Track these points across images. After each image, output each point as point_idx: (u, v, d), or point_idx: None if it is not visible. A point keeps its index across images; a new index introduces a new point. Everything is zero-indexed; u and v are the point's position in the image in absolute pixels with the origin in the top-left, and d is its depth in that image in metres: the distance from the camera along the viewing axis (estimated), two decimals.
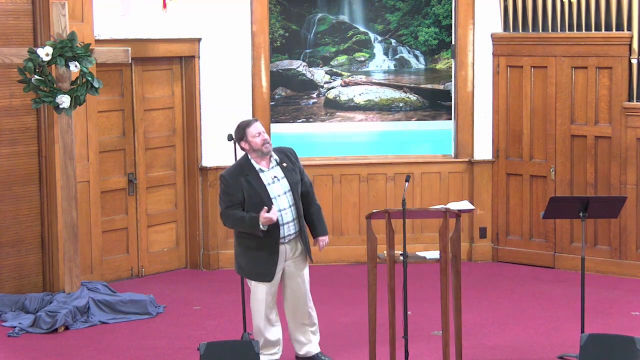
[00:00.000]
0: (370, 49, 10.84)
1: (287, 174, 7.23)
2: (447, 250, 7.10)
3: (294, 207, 7.23)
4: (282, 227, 7.17)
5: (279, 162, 7.25)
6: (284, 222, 7.18)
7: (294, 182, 7.23)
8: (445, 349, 7.19)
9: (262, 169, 7.20)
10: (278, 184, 7.20)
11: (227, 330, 8.43)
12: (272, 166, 7.23)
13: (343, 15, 10.79)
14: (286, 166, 7.25)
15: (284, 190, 7.21)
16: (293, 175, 7.25)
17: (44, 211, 9.34)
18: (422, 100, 10.91)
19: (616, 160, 10.03)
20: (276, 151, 7.30)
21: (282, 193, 7.20)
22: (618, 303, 9.17)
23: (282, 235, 7.18)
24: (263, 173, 7.19)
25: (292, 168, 7.26)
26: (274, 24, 10.62)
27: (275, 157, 7.27)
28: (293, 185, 7.22)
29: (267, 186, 7.15)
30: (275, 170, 7.23)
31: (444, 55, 10.83)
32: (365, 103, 10.87)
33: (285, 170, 7.23)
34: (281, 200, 7.18)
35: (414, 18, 10.79)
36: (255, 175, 7.17)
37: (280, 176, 7.22)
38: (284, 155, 7.29)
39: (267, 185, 7.16)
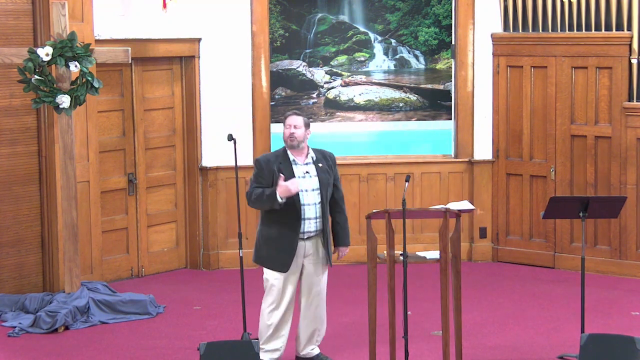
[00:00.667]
0: (370, 49, 10.84)
1: (320, 173, 7.30)
2: (447, 250, 7.11)
3: (319, 205, 7.28)
4: (303, 222, 7.24)
5: (315, 161, 7.32)
6: (305, 217, 7.24)
7: (324, 183, 7.29)
8: (445, 349, 7.19)
9: (296, 162, 7.29)
10: (308, 179, 7.27)
11: (227, 330, 8.43)
12: (306, 162, 7.31)
13: (343, 15, 10.79)
14: (321, 166, 7.32)
15: (312, 187, 7.26)
16: (326, 176, 7.31)
17: (44, 211, 9.34)
18: (422, 100, 10.91)
19: (616, 160, 10.03)
20: (316, 151, 7.38)
21: (310, 189, 7.26)
22: (618, 303, 9.17)
23: (302, 229, 7.25)
24: (296, 165, 7.28)
25: (326, 170, 7.33)
26: (274, 24, 10.62)
27: (312, 154, 7.34)
28: (323, 185, 7.27)
29: (298, 178, 7.22)
30: (309, 167, 7.30)
31: (444, 55, 10.83)
32: (365, 103, 10.87)
33: (318, 169, 7.31)
34: (307, 196, 7.25)
35: (414, 18, 10.80)
36: (288, 166, 7.26)
37: (312, 173, 7.29)
38: (322, 156, 7.38)
39: (297, 177, 7.23)
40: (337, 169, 7.45)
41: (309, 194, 7.27)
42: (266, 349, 7.44)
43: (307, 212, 7.26)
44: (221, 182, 10.49)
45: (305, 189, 7.25)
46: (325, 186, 7.30)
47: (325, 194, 7.30)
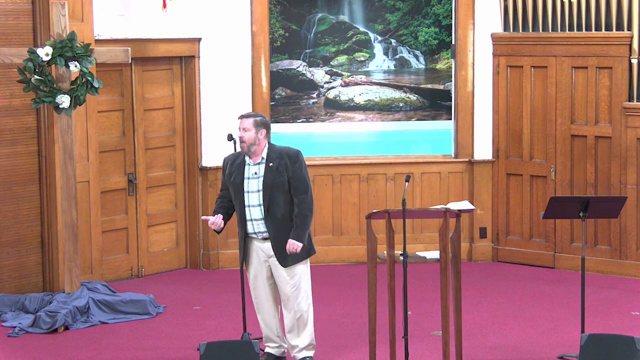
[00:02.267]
0: (370, 49, 10.84)
1: (268, 173, 7.19)
2: (447, 250, 7.10)
3: (263, 207, 7.19)
4: (251, 223, 7.24)
5: (267, 161, 7.22)
6: (252, 218, 7.24)
7: (269, 184, 7.17)
8: (445, 349, 7.19)
9: (249, 162, 7.26)
10: (254, 180, 7.22)
11: (227, 330, 8.43)
12: (257, 162, 7.24)
13: (343, 15, 10.79)
14: (271, 166, 7.19)
15: (257, 188, 7.21)
16: (274, 176, 7.17)
17: (44, 211, 9.34)
18: (422, 100, 10.91)
19: (616, 160, 10.03)
20: (274, 150, 7.24)
21: (254, 190, 7.22)
22: (618, 303, 9.17)
23: (251, 230, 7.27)
24: (248, 166, 7.26)
25: (276, 169, 7.18)
26: (274, 24, 10.62)
27: (265, 154, 7.23)
28: (266, 186, 7.17)
29: (245, 179, 7.22)
30: (259, 167, 7.22)
31: (444, 55, 10.83)
32: (365, 103, 10.87)
33: (267, 170, 7.20)
34: (252, 197, 7.22)
35: (414, 18, 10.80)
36: (241, 167, 7.27)
37: (260, 174, 7.22)
38: (276, 156, 7.22)
39: (246, 178, 7.22)
40: (299, 166, 7.22)
41: (253, 194, 7.21)
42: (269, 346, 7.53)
43: (253, 213, 7.22)
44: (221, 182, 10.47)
45: (250, 190, 7.21)
46: (270, 187, 7.16)
47: (269, 195, 7.16)
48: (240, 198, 7.22)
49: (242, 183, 7.21)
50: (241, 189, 7.22)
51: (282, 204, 7.19)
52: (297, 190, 7.21)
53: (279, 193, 7.18)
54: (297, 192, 7.21)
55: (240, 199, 7.23)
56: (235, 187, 7.25)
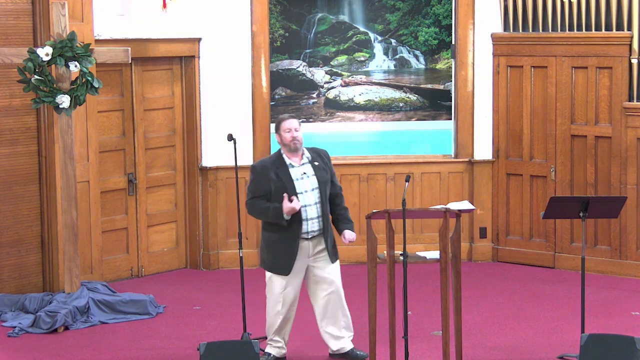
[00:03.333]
0: (370, 49, 10.84)
1: (317, 172, 7.35)
2: (447, 250, 7.10)
3: (319, 205, 7.32)
4: (306, 223, 7.28)
5: (311, 160, 7.37)
6: (307, 218, 7.28)
7: (322, 181, 7.34)
8: (445, 349, 7.19)
9: (293, 164, 7.33)
10: (307, 180, 7.32)
11: (227, 330, 8.43)
12: (302, 162, 7.36)
13: (343, 15, 10.79)
14: (317, 165, 7.37)
15: (311, 187, 7.31)
16: (323, 174, 7.37)
17: (44, 211, 9.34)
18: (422, 100, 10.91)
19: (616, 160, 10.03)
20: (310, 150, 7.44)
21: (309, 189, 7.31)
22: (618, 303, 9.17)
23: (305, 230, 7.30)
24: (293, 168, 7.32)
25: (322, 167, 7.39)
26: (274, 24, 10.62)
27: (307, 154, 7.39)
28: (321, 184, 7.33)
29: (294, 181, 7.28)
30: (306, 167, 7.35)
31: (444, 55, 10.83)
32: (365, 103, 10.87)
33: (315, 168, 7.36)
34: (307, 197, 7.30)
35: (414, 18, 10.79)
36: (285, 170, 7.30)
37: (310, 173, 7.34)
38: (316, 155, 7.43)
39: (295, 180, 7.29)
40: (331, 164, 7.52)
41: (308, 194, 7.30)
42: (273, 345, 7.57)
43: (309, 212, 7.30)
44: (221, 182, 10.49)
45: (304, 190, 7.29)
46: (324, 184, 7.35)
47: (324, 192, 7.35)
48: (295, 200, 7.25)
49: (293, 186, 7.26)
50: (292, 191, 7.25)
51: (326, 200, 7.38)
52: (335, 185, 7.48)
53: (327, 190, 7.38)
54: (335, 187, 7.48)
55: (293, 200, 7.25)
56: (286, 191, 7.23)
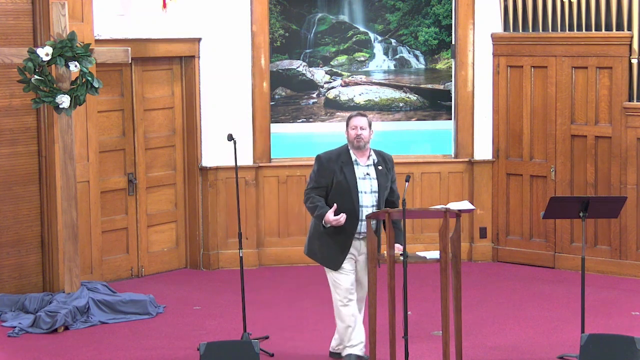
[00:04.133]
0: (370, 49, 10.84)
1: (379, 176, 7.35)
2: (447, 250, 7.10)
3: (375, 208, 7.30)
4: (361, 223, 7.28)
5: (376, 163, 7.37)
6: (362, 218, 7.28)
7: (382, 186, 7.34)
8: (445, 349, 7.18)
9: (359, 163, 7.35)
10: (368, 181, 7.32)
11: (227, 330, 8.43)
12: (368, 163, 7.36)
13: (343, 15, 10.79)
14: (380, 169, 7.37)
15: (371, 189, 7.32)
16: (384, 180, 7.37)
17: (44, 211, 9.34)
18: (422, 100, 10.91)
19: (616, 160, 10.03)
20: (376, 153, 7.43)
21: (368, 191, 7.31)
22: (618, 303, 9.17)
23: (359, 230, 7.30)
24: (358, 166, 7.34)
25: (385, 173, 7.38)
26: (274, 24, 10.62)
27: (374, 156, 7.39)
28: (381, 188, 7.33)
29: (357, 179, 7.30)
30: (370, 169, 7.36)
31: (444, 55, 10.83)
32: (365, 103, 10.87)
33: (378, 172, 7.36)
34: (366, 198, 7.31)
35: (414, 18, 10.80)
36: (350, 167, 7.32)
37: (372, 175, 7.34)
38: (381, 159, 7.42)
39: (359, 178, 7.30)
40: (394, 171, 7.49)
41: (367, 195, 7.32)
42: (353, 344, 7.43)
43: (365, 213, 7.30)
44: (221, 182, 10.49)
45: (365, 190, 7.31)
46: (383, 189, 7.35)
47: (382, 197, 7.34)
48: (353, 197, 7.27)
49: (355, 182, 7.29)
50: (355, 188, 7.28)
51: (382, 205, 7.36)
52: (394, 192, 7.46)
53: (384, 195, 7.37)
54: (394, 194, 7.46)
55: (352, 198, 7.27)
56: (347, 186, 7.28)
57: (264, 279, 10.19)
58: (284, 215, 10.67)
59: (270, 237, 10.69)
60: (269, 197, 10.63)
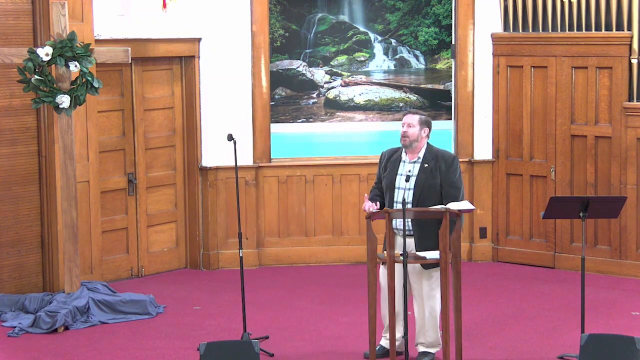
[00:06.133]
0: (370, 49, 10.84)
1: (421, 174, 7.30)
2: (447, 250, 7.10)
3: (412, 205, 7.23)
4: (395, 219, 7.26)
5: (422, 161, 7.33)
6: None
7: (420, 183, 7.27)
8: (445, 349, 7.18)
9: (405, 160, 7.38)
10: (409, 178, 7.30)
11: (227, 330, 8.43)
12: (413, 161, 7.35)
13: (343, 15, 10.79)
14: (426, 167, 7.30)
15: (408, 186, 7.30)
16: (426, 177, 7.27)
17: (44, 211, 9.34)
18: (422, 100, 10.91)
19: (616, 160, 10.03)
20: (431, 152, 7.35)
21: (406, 188, 7.30)
22: (618, 303, 9.17)
23: (394, 226, 7.28)
24: (403, 163, 7.37)
25: (430, 171, 7.28)
26: (274, 24, 10.62)
27: (423, 154, 7.34)
28: (417, 186, 7.26)
29: (398, 175, 7.34)
30: (414, 166, 7.34)
31: (444, 55, 10.83)
32: (365, 103, 10.87)
33: (421, 170, 7.31)
34: (401, 194, 7.31)
35: (414, 18, 10.80)
36: (396, 163, 7.39)
37: (414, 172, 7.32)
38: (433, 158, 7.32)
39: (399, 175, 7.34)
40: (453, 171, 7.31)
41: (401, 192, 7.32)
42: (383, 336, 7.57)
43: None
44: (221, 182, 10.49)
45: (402, 187, 7.32)
46: (421, 186, 7.26)
47: (423, 195, 7.25)
48: (391, 193, 7.33)
49: (394, 178, 7.34)
50: (393, 184, 7.33)
51: (427, 203, 7.25)
52: (448, 195, 7.30)
53: (430, 195, 7.27)
54: (448, 196, 7.29)
55: (390, 194, 7.34)
56: (388, 182, 7.37)
57: (264, 279, 10.19)
58: (284, 215, 10.67)
59: (270, 237, 10.69)
60: (269, 197, 10.64)
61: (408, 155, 7.38)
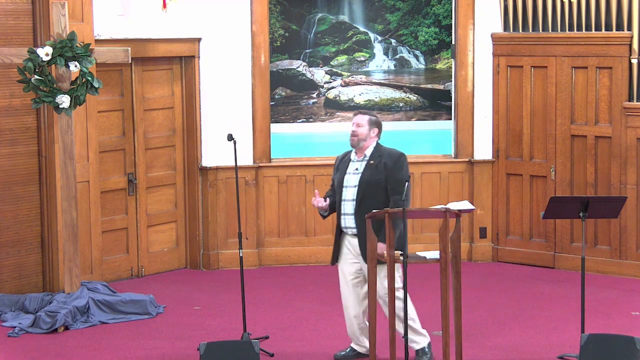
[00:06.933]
0: (370, 49, 10.84)
1: (366, 171, 7.34)
2: (447, 250, 7.10)
3: (355, 203, 7.29)
4: (343, 218, 7.35)
5: (369, 159, 7.36)
6: (344, 213, 7.36)
7: (365, 180, 7.30)
8: (445, 349, 7.18)
9: (353, 159, 7.43)
10: (354, 176, 7.36)
11: (227, 330, 8.43)
12: (360, 159, 7.39)
13: (343, 15, 10.79)
14: (372, 164, 7.34)
15: (354, 183, 7.34)
16: (370, 174, 7.31)
17: (44, 211, 9.34)
18: (422, 100, 10.91)
19: (616, 160, 10.03)
20: (378, 150, 7.39)
21: (352, 185, 7.34)
22: (618, 303, 9.17)
23: (343, 225, 7.37)
24: (351, 162, 7.42)
25: (376, 167, 7.31)
26: (274, 24, 10.62)
27: (370, 152, 7.38)
28: (362, 183, 7.30)
29: (346, 174, 7.39)
30: (361, 164, 7.37)
31: (444, 55, 10.83)
32: (365, 103, 10.86)
33: (366, 167, 7.35)
34: (348, 192, 7.36)
35: (414, 18, 10.80)
36: (346, 163, 7.45)
37: (360, 170, 7.35)
38: (379, 155, 7.36)
39: (347, 174, 7.39)
40: (398, 167, 7.31)
41: (349, 190, 7.36)
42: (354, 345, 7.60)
43: (346, 207, 7.36)
44: (221, 182, 10.49)
45: (348, 185, 7.36)
46: (366, 183, 7.30)
47: (366, 192, 7.28)
48: (340, 192, 7.39)
49: (343, 177, 7.40)
50: (341, 183, 7.39)
51: (377, 203, 7.26)
52: (392, 191, 7.31)
53: (375, 191, 7.30)
54: (392, 192, 7.31)
55: (339, 193, 7.39)
56: (338, 182, 7.43)
57: (264, 279, 10.19)
58: (284, 215, 10.67)
59: (270, 237, 10.69)
60: (269, 197, 10.64)
61: (357, 154, 7.42)
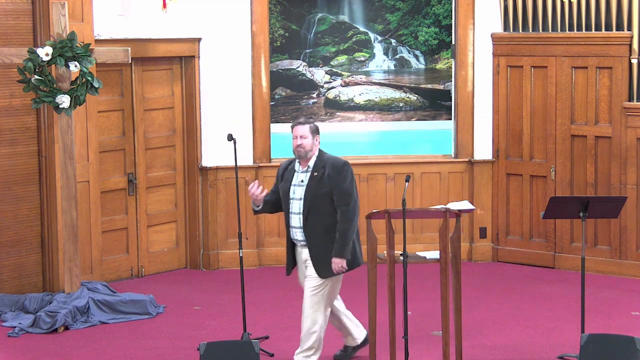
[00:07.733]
0: (370, 49, 10.85)
1: (311, 182, 7.16)
2: (447, 250, 7.10)
3: (302, 216, 7.15)
4: (292, 230, 7.23)
5: (312, 170, 7.20)
6: (291, 225, 7.23)
7: (310, 193, 7.13)
8: (445, 349, 7.19)
9: (298, 170, 7.26)
10: (300, 188, 7.20)
11: (227, 330, 8.43)
12: (304, 170, 7.23)
13: (343, 15, 10.80)
14: (315, 175, 7.16)
15: (299, 196, 7.19)
16: (315, 186, 7.14)
17: (44, 211, 9.34)
18: (422, 100, 10.91)
19: (616, 160, 10.03)
20: (322, 160, 7.21)
21: (297, 198, 7.20)
22: (618, 303, 9.18)
23: (292, 237, 7.26)
24: (296, 173, 7.26)
25: (320, 179, 7.14)
26: (274, 24, 10.62)
27: (313, 163, 7.21)
28: (307, 196, 7.13)
29: (292, 186, 7.24)
30: (305, 176, 7.21)
31: (444, 55, 10.83)
32: (365, 103, 10.87)
33: (310, 179, 7.18)
34: (294, 204, 7.21)
35: (414, 18, 10.80)
36: (292, 172, 7.29)
37: (305, 183, 7.19)
38: (323, 166, 7.18)
39: (293, 185, 7.24)
40: (342, 178, 7.10)
41: (295, 202, 7.20)
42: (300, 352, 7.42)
43: (293, 220, 7.22)
44: (221, 182, 10.49)
45: (294, 197, 7.21)
46: (310, 197, 7.12)
47: (311, 204, 7.12)
48: (286, 204, 7.24)
49: (288, 189, 7.24)
50: (287, 195, 7.24)
51: (324, 215, 7.11)
52: (338, 202, 7.10)
53: (321, 203, 7.12)
54: (338, 203, 7.10)
55: (286, 205, 7.25)
56: (283, 193, 7.27)
57: (264, 279, 10.19)
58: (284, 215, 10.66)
59: (270, 237, 10.69)
60: None
61: (301, 165, 7.25)
